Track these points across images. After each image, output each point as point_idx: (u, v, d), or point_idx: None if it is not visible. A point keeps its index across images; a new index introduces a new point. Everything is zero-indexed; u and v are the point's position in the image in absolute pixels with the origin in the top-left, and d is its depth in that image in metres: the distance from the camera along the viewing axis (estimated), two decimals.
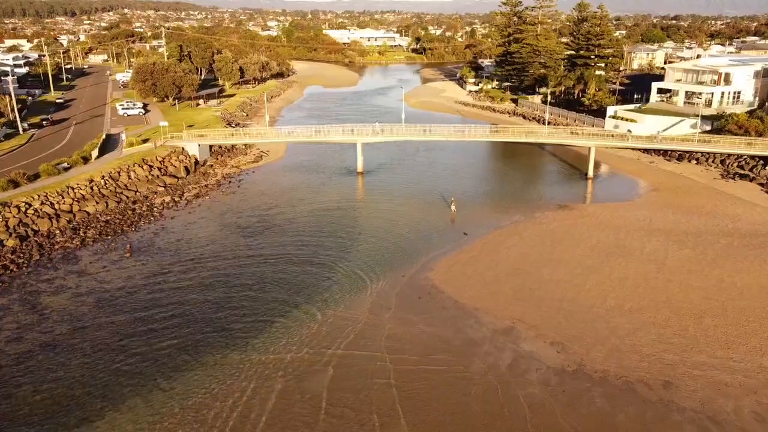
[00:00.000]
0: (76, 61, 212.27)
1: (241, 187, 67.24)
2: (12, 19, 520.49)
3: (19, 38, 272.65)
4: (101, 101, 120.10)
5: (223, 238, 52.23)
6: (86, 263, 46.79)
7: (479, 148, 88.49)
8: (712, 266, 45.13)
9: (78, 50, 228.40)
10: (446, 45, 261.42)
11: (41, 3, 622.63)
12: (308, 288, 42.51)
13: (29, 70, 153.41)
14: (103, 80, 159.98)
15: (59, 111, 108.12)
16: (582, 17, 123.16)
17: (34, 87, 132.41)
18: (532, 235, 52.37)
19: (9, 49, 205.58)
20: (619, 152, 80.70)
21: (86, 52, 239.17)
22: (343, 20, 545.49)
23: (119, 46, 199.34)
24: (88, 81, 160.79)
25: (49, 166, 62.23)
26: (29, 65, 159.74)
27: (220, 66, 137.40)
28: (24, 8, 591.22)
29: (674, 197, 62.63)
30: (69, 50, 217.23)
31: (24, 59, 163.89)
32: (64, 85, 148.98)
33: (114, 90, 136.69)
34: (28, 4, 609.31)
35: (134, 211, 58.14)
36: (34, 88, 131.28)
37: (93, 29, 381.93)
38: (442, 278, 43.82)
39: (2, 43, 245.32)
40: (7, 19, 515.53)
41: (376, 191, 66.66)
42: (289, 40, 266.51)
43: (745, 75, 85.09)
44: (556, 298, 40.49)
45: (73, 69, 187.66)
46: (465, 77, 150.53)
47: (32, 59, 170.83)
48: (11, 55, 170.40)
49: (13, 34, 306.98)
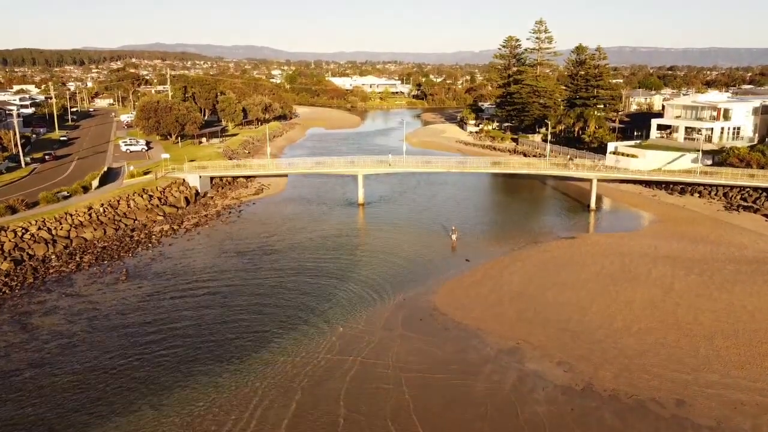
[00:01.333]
0: (82, 104, 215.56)
1: (241, 217, 66.74)
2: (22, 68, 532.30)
3: (27, 84, 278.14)
4: (104, 139, 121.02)
5: (221, 263, 51.39)
6: (80, 286, 45.85)
7: (480, 183, 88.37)
8: (720, 290, 44.06)
9: (84, 94, 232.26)
10: (447, 91, 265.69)
11: (51, 52, 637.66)
12: (307, 310, 41.47)
13: (35, 111, 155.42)
14: (107, 121, 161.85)
15: (62, 147, 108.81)
16: (580, 60, 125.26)
17: (39, 126, 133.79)
18: (535, 261, 51.48)
19: (16, 92, 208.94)
20: (620, 187, 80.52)
21: (92, 97, 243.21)
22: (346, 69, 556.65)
23: (125, 90, 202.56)
24: (92, 122, 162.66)
25: (49, 194, 61.92)
26: (35, 106, 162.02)
27: (224, 106, 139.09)
28: (34, 57, 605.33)
29: (679, 227, 61.93)
30: (76, 94, 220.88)
31: (30, 100, 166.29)
32: (69, 125, 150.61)
33: (118, 130, 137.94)
34: (38, 53, 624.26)
35: (132, 238, 57.48)
36: (39, 126, 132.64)
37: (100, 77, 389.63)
38: (444, 301, 42.77)
39: (10, 88, 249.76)
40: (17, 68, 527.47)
41: (377, 221, 66.14)
42: (293, 85, 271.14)
43: (743, 111, 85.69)
44: (561, 319, 39.34)
45: (78, 111, 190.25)
46: (466, 119, 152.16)
47: (38, 100, 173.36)
48: (18, 96, 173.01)
49: (21, 80, 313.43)
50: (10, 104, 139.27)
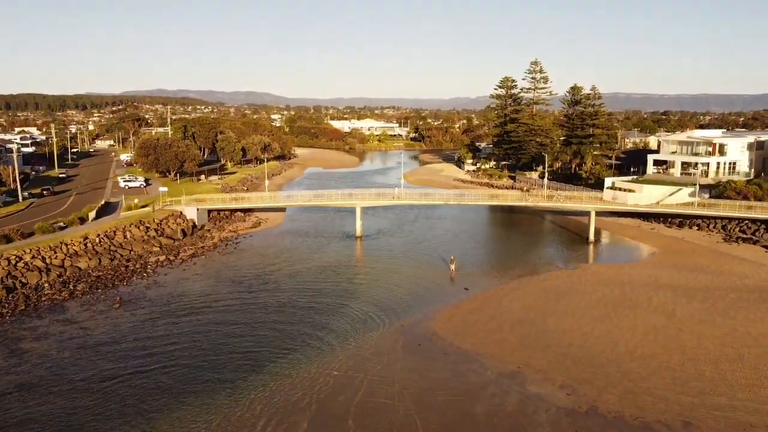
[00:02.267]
0: (83, 146, 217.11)
1: (238, 248, 66.24)
2: (25, 112, 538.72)
3: (29, 126, 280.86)
4: (103, 177, 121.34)
5: (217, 290, 50.71)
6: (73, 313, 45.02)
7: (478, 218, 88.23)
8: (723, 317, 43.38)
9: (85, 136, 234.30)
10: (444, 133, 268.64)
11: (54, 97, 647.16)
12: (303, 335, 40.70)
13: (35, 150, 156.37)
14: (107, 160, 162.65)
15: (61, 184, 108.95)
16: (575, 100, 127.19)
17: (39, 164, 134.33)
18: (535, 290, 50.86)
19: (18, 133, 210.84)
20: (618, 220, 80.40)
21: (93, 138, 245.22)
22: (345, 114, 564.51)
23: (126, 132, 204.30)
24: (92, 161, 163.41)
25: (45, 224, 61.56)
26: (36, 145, 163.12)
27: (223, 145, 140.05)
28: (37, 102, 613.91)
29: (678, 258, 61.51)
30: (77, 135, 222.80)
31: (31, 139, 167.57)
32: (69, 164, 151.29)
33: (117, 168, 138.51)
34: (41, 98, 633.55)
35: (127, 268, 56.83)
36: (38, 164, 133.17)
37: (102, 120, 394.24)
38: (443, 327, 42.01)
39: (12, 131, 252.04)
40: (20, 112, 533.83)
41: (375, 252, 65.69)
42: (292, 128, 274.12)
43: (738, 146, 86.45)
44: (563, 344, 38.56)
45: (78, 152, 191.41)
46: (463, 158, 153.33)
47: (39, 140, 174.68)
48: (19, 135, 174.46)
49: (24, 123, 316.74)
50: (11, 142, 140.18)
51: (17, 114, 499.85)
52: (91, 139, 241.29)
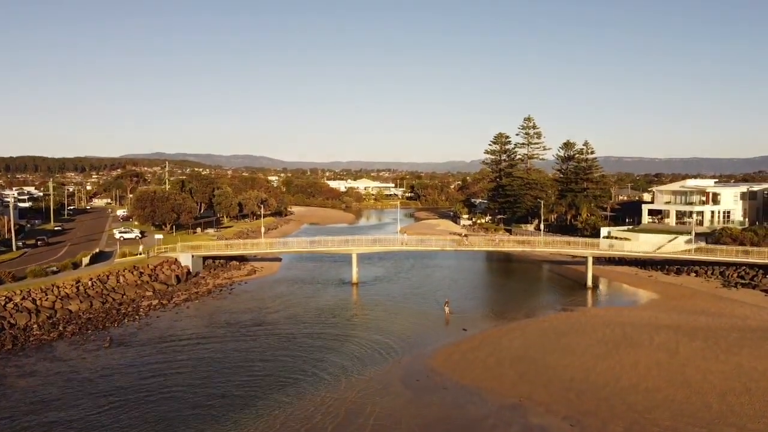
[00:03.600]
0: (80, 204, 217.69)
1: (233, 293, 65.39)
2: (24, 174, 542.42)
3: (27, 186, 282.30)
4: (99, 230, 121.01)
5: (210, 332, 49.61)
6: (61, 352, 43.82)
7: (475, 266, 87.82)
8: (727, 354, 42.49)
9: (83, 194, 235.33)
10: (439, 192, 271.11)
11: (53, 160, 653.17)
12: (298, 372, 39.59)
13: (32, 205, 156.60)
14: (103, 216, 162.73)
15: (56, 236, 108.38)
16: (568, 155, 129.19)
17: (35, 218, 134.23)
18: (534, 330, 50.01)
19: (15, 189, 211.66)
20: (616, 269, 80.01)
21: (90, 197, 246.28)
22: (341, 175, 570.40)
23: (123, 190, 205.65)
24: (88, 217, 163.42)
25: (37, 268, 60.90)
26: (32, 200, 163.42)
27: (220, 200, 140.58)
28: (37, 164, 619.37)
29: (678, 302, 60.84)
30: (74, 194, 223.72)
31: (28, 195, 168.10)
32: (65, 218, 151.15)
33: (113, 222, 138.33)
34: (41, 160, 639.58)
35: (119, 311, 55.77)
36: (34, 219, 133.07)
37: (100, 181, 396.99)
38: (442, 364, 40.96)
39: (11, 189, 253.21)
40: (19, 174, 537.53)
41: (371, 297, 64.88)
42: (288, 188, 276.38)
43: (731, 195, 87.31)
44: (565, 379, 37.53)
45: (74, 209, 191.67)
46: (459, 213, 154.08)
47: (36, 196, 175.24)
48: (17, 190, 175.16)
49: (22, 184, 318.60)
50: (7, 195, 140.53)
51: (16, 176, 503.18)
52: (89, 198, 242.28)
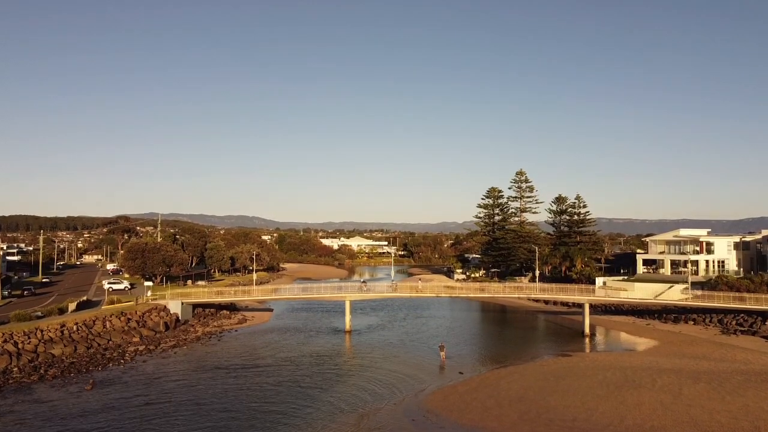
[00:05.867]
0: (70, 260, 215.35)
1: (222, 340, 63.65)
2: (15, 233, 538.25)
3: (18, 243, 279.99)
4: (88, 282, 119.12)
5: (197, 376, 47.81)
6: (40, 394, 41.94)
7: (470, 316, 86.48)
8: (733, 395, 41.14)
9: (73, 251, 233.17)
10: (433, 249, 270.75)
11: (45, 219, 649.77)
12: (289, 414, 37.92)
13: (21, 258, 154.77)
14: (93, 270, 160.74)
15: (44, 287, 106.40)
16: (561, 209, 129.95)
17: (23, 270, 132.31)
18: (533, 372, 48.57)
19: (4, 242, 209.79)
20: (613, 318, 78.91)
21: (81, 253, 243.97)
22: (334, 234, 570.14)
23: (114, 246, 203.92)
24: (77, 271, 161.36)
25: (22, 312, 59.25)
26: (21, 254, 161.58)
27: (212, 253, 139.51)
28: (29, 223, 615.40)
29: (678, 348, 59.64)
30: (65, 250, 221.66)
31: (17, 248, 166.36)
32: (54, 272, 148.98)
33: (103, 276, 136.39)
34: (32, 219, 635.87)
35: (104, 356, 53.92)
36: (22, 271, 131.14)
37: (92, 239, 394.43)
38: (438, 405, 39.42)
39: None
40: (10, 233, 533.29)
41: (364, 344, 63.32)
42: (281, 245, 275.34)
43: (725, 245, 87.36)
44: (567, 418, 36.04)
45: (65, 264, 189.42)
46: (453, 267, 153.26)
47: (25, 250, 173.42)
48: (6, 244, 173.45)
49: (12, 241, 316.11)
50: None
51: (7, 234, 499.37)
52: (79, 254, 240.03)
